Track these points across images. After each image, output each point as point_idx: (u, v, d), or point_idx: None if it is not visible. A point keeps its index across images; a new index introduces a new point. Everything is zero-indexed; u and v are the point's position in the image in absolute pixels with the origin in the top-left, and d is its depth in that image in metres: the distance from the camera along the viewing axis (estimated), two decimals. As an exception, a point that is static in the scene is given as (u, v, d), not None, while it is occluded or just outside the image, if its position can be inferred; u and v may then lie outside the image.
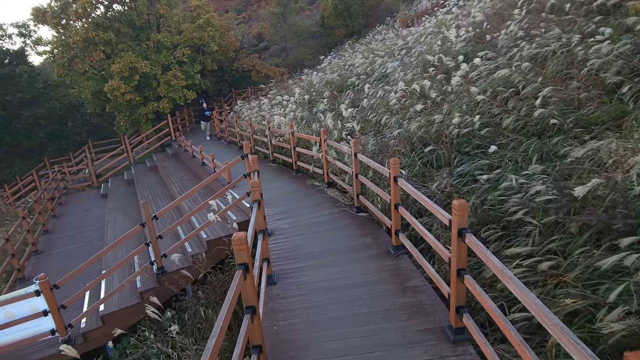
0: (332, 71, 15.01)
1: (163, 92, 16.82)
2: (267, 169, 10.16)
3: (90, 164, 16.24)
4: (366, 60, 14.59)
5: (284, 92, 15.02)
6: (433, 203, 3.49)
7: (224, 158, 12.59)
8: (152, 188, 12.40)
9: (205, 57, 20.38)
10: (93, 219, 12.02)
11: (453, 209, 2.87)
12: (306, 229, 5.91)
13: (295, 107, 11.10)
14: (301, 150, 8.69)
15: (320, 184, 8.02)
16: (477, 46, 8.80)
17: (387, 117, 7.90)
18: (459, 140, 6.31)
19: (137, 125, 18.66)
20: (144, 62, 15.72)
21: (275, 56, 43.32)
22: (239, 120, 13.09)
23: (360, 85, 12.08)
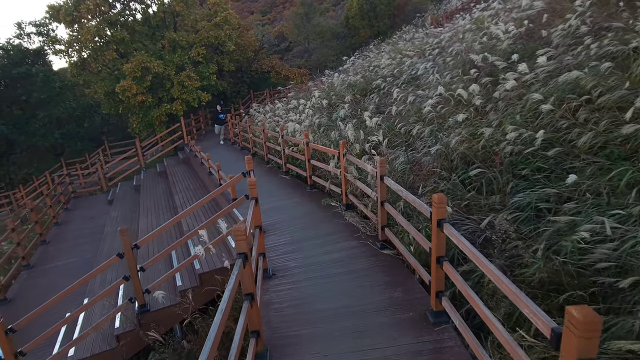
0: (356, 73, 13.81)
1: (176, 94, 16.07)
2: (279, 183, 9.06)
3: (100, 167, 15.65)
4: (393, 61, 13.32)
5: (303, 95, 13.94)
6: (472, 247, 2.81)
7: (234, 167, 11.63)
8: (157, 197, 11.54)
9: (223, 57, 19.58)
10: (94, 229, 11.27)
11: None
12: (317, 270, 4.73)
13: (313, 113, 9.96)
14: (317, 164, 7.54)
15: (338, 204, 6.83)
16: (530, 44, 7.43)
17: (420, 127, 6.63)
18: (513, 160, 5.01)
19: (151, 128, 18.05)
20: (157, 61, 15.00)
21: (297, 57, 42.54)
22: (252, 125, 12.10)
23: (386, 89, 10.86)
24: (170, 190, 11.35)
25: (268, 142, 10.78)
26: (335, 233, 5.68)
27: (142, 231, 9.02)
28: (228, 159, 12.94)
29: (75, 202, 15.30)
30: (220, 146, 15.65)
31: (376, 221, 5.17)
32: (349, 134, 6.65)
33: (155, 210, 10.32)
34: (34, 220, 10.28)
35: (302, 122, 9.16)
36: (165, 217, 9.45)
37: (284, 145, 9.30)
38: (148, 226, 9.22)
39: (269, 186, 8.87)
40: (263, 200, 7.81)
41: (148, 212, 10.31)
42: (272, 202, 7.68)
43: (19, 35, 19.18)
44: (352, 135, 6.57)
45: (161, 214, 9.97)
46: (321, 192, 7.82)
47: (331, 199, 7.12)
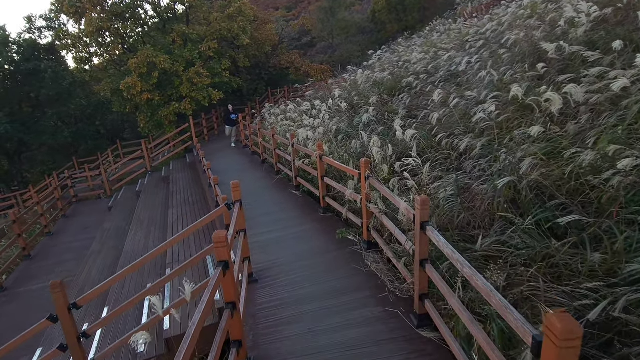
0: (383, 69, 12.14)
1: (185, 92, 14.87)
2: (287, 201, 7.56)
3: (103, 170, 14.67)
4: (426, 56, 11.60)
5: (321, 94, 12.39)
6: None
7: (241, 175, 10.25)
8: (154, 208, 10.31)
9: (237, 52, 18.29)
10: (84, 243, 10.15)
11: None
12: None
13: (330, 116, 8.39)
14: (332, 183, 5.99)
15: (357, 239, 5.27)
16: (615, 30, 5.65)
17: (471, 140, 4.96)
18: (619, 195, 3.36)
19: (160, 128, 16.98)
20: (164, 56, 13.82)
21: (321, 53, 41.13)
22: (262, 128, 10.67)
23: (419, 87, 9.21)
24: (167, 201, 10.08)
25: (278, 149, 9.32)
26: (353, 290, 4.11)
27: (126, 254, 7.77)
28: (236, 166, 11.58)
29: (76, 207, 14.39)
30: (230, 149, 14.34)
31: (411, 282, 3.58)
32: (374, 152, 5.00)
33: (147, 226, 9.06)
34: (17, 233, 9.23)
35: (316, 129, 7.60)
36: (154, 237, 8.16)
37: (294, 155, 7.79)
38: (134, 248, 7.96)
39: (274, 206, 7.40)
40: (264, 228, 6.33)
41: (139, 227, 9.07)
42: (275, 230, 6.19)
43: (29, 30, 18.59)
44: (378, 153, 4.93)
45: (152, 231, 8.69)
46: (337, 217, 6.27)
47: (349, 230, 5.55)
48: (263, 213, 6.98)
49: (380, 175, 4.87)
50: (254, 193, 8.37)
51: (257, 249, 5.47)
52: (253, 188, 8.83)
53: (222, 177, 10.37)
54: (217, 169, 11.57)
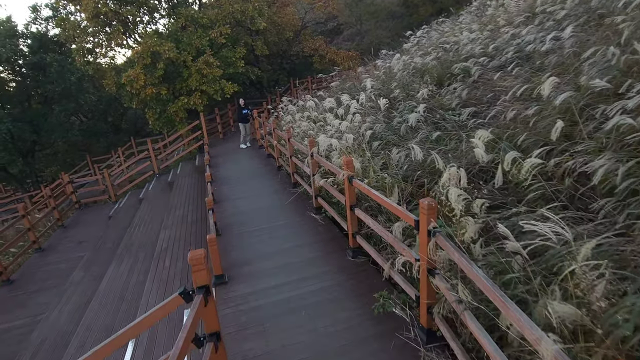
0: (425, 53, 10.02)
1: (194, 84, 13.27)
2: (305, 229, 5.73)
3: (106, 173, 13.38)
4: (480, 34, 9.45)
5: (350, 84, 10.42)
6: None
7: (250, 188, 8.50)
8: (148, 226, 8.77)
9: (255, 38, 16.50)
10: (72, 264, 8.79)
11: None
12: None
13: (362, 115, 6.42)
14: (366, 221, 4.10)
15: (408, 318, 3.38)
16: None
17: (609, 163, 2.90)
18: None
19: (171, 125, 15.55)
20: (169, 44, 12.22)
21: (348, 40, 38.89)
22: (276, 128, 8.85)
23: (478, 74, 7.19)
24: (164, 216, 8.49)
25: (295, 156, 7.49)
26: None
27: (99, 295, 6.22)
28: (247, 172, 9.86)
29: (78, 214, 13.21)
30: (242, 151, 12.65)
31: None
32: (452, 196, 2.93)
33: (135, 252, 7.50)
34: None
35: (343, 134, 5.67)
36: (138, 272, 6.57)
37: (314, 168, 5.93)
38: (112, 286, 6.41)
39: (287, 237, 5.57)
40: (268, 279, 4.40)
41: (126, 253, 7.56)
42: (285, 284, 4.36)
43: (34, 20, 17.57)
44: (457, 200, 2.87)
45: (139, 259, 7.12)
46: (374, 267, 4.38)
47: (394, 299, 3.66)
48: (271, 252, 5.18)
49: (459, 229, 2.90)
50: (263, 214, 6.60)
51: (254, 325, 3.67)
52: (263, 205, 7.06)
53: (229, 188, 8.71)
54: (226, 175, 9.92)
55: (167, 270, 5.81)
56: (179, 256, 6.13)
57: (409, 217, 2.95)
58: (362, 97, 5.93)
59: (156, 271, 5.86)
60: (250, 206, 7.15)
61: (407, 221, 3.03)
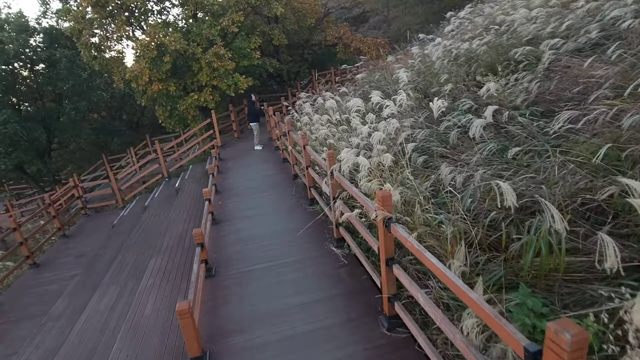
0: (472, 37, 8.36)
1: (204, 79, 12.08)
2: (322, 270, 4.35)
3: (112, 176, 12.48)
4: (541, 11, 7.83)
5: (379, 76, 8.90)
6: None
7: (260, 202, 7.17)
8: (143, 245, 7.62)
9: (272, 27, 15.12)
10: (64, 284, 7.82)
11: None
12: None
13: (399, 118, 4.93)
14: (409, 287, 2.66)
15: None
16: None
17: None
18: None
19: (183, 123, 14.52)
20: (175, 35, 11.04)
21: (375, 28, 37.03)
22: (292, 130, 7.47)
23: (550, 62, 5.66)
24: (159, 236, 7.32)
25: (312, 167, 6.10)
26: None
27: (69, 343, 5.09)
28: (259, 180, 8.57)
29: (84, 221, 12.41)
30: (255, 154, 11.38)
31: None
32: None
33: (124, 280, 6.37)
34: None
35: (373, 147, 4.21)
36: (120, 312, 5.41)
37: (334, 190, 4.51)
38: (87, 328, 5.28)
39: (296, 281, 4.22)
40: None
41: (113, 281, 6.46)
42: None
43: (44, 14, 16.88)
44: None
45: (126, 290, 5.96)
46: (419, 352, 2.94)
47: None
48: (276, 311, 3.83)
49: None
50: (271, 244, 5.27)
51: None
52: (272, 230, 5.73)
53: (234, 202, 7.35)
54: (234, 184, 8.68)
55: (146, 320, 4.59)
56: (163, 300, 4.89)
57: (514, 339, 1.51)
58: (402, 96, 4.39)
59: (134, 319, 4.65)
60: (256, 230, 5.84)
61: (506, 339, 1.59)
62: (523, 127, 4.52)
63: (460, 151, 4.63)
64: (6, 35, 15.12)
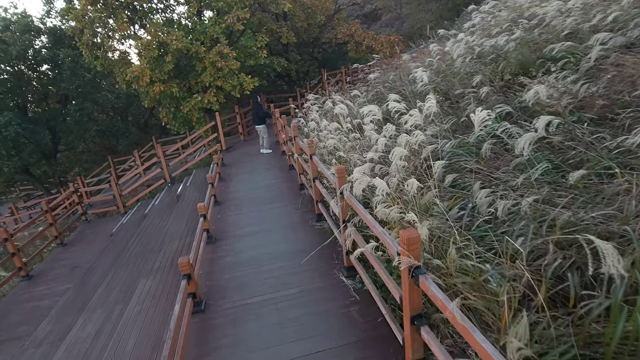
0: (497, 32, 7.58)
1: (208, 80, 11.50)
2: (330, 307, 3.67)
3: (113, 181, 12.00)
4: (577, 2, 7.08)
5: (394, 76, 8.18)
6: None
7: (263, 215, 6.51)
8: (134, 259, 7.05)
9: (280, 24, 14.49)
10: (53, 302, 7.30)
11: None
12: None
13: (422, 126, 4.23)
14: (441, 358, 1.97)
15: None
16: None
17: None
18: None
19: (188, 125, 14.00)
20: (176, 33, 10.48)
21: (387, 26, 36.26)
22: (298, 136, 6.82)
23: (596, 61, 4.97)
24: (152, 253, 6.73)
25: (319, 179, 5.44)
26: None
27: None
28: (262, 189, 7.92)
29: (84, 228, 11.97)
30: (262, 157, 10.77)
31: None
32: None
33: (110, 304, 5.79)
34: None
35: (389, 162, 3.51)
36: (101, 342, 4.82)
37: (344, 212, 3.84)
38: (72, 348, 4.72)
39: (298, 320, 3.56)
40: None
41: (99, 305, 5.88)
42: None
43: (48, 13, 16.54)
44: None
45: (113, 315, 5.38)
46: None
47: None
48: None
49: None
50: (271, 269, 4.62)
51: None
52: (274, 251, 5.09)
53: (234, 215, 6.64)
54: (235, 193, 8.06)
55: (127, 357, 3.99)
56: (149, 331, 4.28)
57: None
58: (430, 103, 3.65)
59: (114, 354, 4.06)
60: (257, 251, 5.20)
61: None
62: (572, 136, 3.80)
63: (494, 166, 3.92)
64: (9, 35, 14.79)
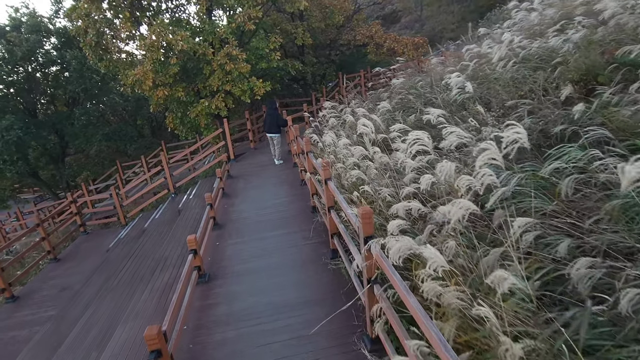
0: (542, 33, 6.48)
1: (216, 84, 10.68)
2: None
3: (114, 192, 11.27)
4: None
5: (422, 82, 7.15)
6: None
7: (266, 245, 5.54)
8: (118, 293, 6.18)
9: (295, 24, 13.61)
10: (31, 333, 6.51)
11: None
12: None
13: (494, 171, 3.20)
14: None
15: None
16: None
17: None
18: None
19: (197, 130, 13.26)
20: (181, 33, 9.69)
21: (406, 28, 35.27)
22: (311, 152, 5.86)
23: None
24: (136, 287, 5.85)
25: (334, 208, 4.45)
26: None
27: None
28: (270, 209, 6.97)
29: (81, 241, 11.26)
30: (274, 169, 9.85)
31: None
32: None
33: (86, 345, 4.92)
34: None
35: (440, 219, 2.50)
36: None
37: (371, 271, 2.84)
38: None
39: None
40: None
41: (77, 341, 5.02)
42: None
43: (56, 13, 16.08)
44: None
45: (88, 358, 4.52)
46: None
47: None
48: None
49: None
50: (275, 327, 3.66)
51: None
52: (279, 300, 4.12)
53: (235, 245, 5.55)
54: (239, 214, 7.15)
55: None
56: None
57: None
58: (520, 134, 2.55)
59: None
60: (257, 298, 4.24)
61: None
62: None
63: (580, 209, 2.85)
64: (14, 35, 14.35)
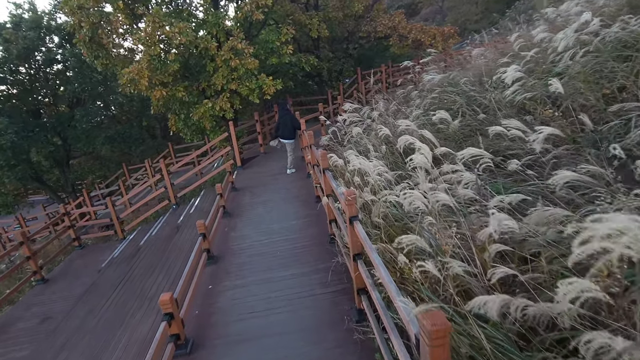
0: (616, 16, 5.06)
1: (220, 82, 9.57)
2: None
3: (110, 203, 10.31)
4: None
5: (466, 79, 5.85)
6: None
7: (270, 294, 4.28)
8: (100, 329, 5.13)
9: (310, 14, 12.38)
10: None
11: None
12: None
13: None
14: None
15: None
16: None
17: None
18: None
19: (202, 133, 12.24)
20: (180, 25, 8.59)
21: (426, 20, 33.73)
22: (327, 169, 4.68)
23: None
24: (115, 331, 4.78)
25: (362, 256, 3.24)
26: None
27: None
28: (273, 242, 5.78)
29: (74, 257, 10.35)
30: (282, 181, 8.69)
31: None
32: None
33: None
34: None
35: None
36: None
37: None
38: None
39: None
40: None
41: None
42: None
43: (55, 7, 15.27)
44: None
45: None
46: None
47: None
48: None
49: None
50: None
51: None
52: None
53: (234, 293, 4.28)
54: (241, 240, 5.99)
55: None
56: None
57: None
58: None
59: None
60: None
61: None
62: None
63: None
64: (10, 32, 13.58)
